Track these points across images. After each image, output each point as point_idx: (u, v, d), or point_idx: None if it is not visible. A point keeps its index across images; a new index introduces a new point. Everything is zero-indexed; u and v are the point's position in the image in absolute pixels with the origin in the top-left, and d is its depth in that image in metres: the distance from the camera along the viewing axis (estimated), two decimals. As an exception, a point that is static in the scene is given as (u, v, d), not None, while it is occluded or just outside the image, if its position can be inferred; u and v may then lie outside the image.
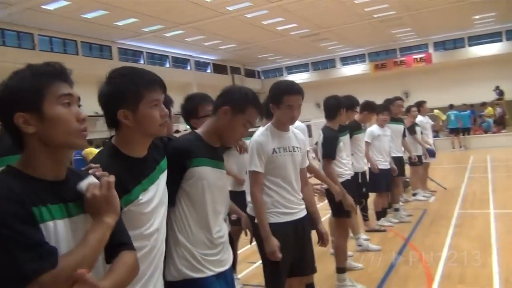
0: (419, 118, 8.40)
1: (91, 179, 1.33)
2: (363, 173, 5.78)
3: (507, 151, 14.78)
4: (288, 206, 2.88)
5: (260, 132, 2.87)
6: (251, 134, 2.91)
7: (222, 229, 2.14)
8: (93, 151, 14.04)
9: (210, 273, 2.03)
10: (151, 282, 1.64)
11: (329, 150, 4.36)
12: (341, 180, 4.38)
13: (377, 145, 6.21)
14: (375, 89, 24.35)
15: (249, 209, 2.93)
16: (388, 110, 6.48)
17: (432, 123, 8.78)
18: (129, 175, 1.59)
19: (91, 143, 15.94)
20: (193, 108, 2.92)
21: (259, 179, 2.79)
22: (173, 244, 1.98)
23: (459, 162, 13.92)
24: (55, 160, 1.28)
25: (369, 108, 5.87)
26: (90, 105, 4.23)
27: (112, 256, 1.32)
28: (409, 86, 27.37)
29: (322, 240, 3.07)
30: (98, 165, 1.43)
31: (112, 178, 1.32)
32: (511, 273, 4.28)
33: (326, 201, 4.38)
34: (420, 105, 8.55)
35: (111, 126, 1.67)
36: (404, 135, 7.18)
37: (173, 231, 1.98)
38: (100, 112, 1.66)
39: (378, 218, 6.41)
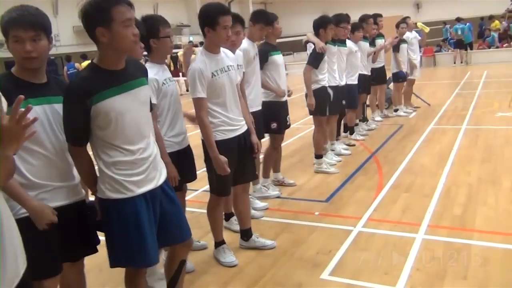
0: (406, 34, 8.46)
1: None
2: (342, 87, 6.01)
3: (506, 67, 14.71)
4: (231, 124, 3.25)
5: (197, 59, 3.14)
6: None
7: (147, 149, 2.22)
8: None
9: (131, 194, 2.15)
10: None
11: (311, 60, 5.04)
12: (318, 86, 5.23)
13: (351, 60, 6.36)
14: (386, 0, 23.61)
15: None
16: (362, 28, 6.66)
17: (420, 38, 8.80)
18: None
19: (84, 56, 15.92)
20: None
21: (204, 104, 3.12)
22: (98, 169, 2.21)
23: (454, 78, 13.96)
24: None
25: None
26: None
27: None
28: (420, -4, 26.44)
29: (253, 150, 3.43)
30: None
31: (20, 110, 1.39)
32: (454, 183, 4.74)
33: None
34: (404, 20, 8.56)
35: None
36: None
37: (94, 157, 2.20)
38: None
39: (351, 133, 6.80)
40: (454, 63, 17.51)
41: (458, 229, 3.69)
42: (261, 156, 4.73)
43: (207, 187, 3.55)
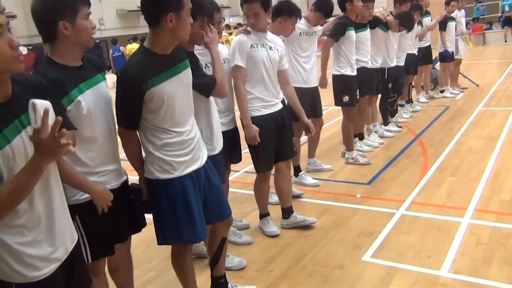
0: (455, 12, 8.13)
1: (46, 104, 1.41)
2: (390, 69, 5.90)
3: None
4: (266, 100, 3.34)
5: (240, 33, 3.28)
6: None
7: (192, 130, 2.29)
8: (134, 46, 14.56)
9: (177, 174, 2.23)
10: (112, 174, 2.17)
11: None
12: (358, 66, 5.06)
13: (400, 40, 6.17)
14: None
15: None
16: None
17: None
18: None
19: (135, 38, 16.45)
20: None
21: (242, 73, 3.23)
22: (145, 151, 2.27)
23: (504, 57, 13.30)
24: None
25: None
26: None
27: None
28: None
29: (306, 129, 3.59)
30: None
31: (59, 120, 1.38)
32: (503, 167, 4.58)
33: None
34: None
35: (48, 37, 1.97)
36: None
37: (142, 140, 2.26)
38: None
39: (393, 115, 6.64)
40: (505, 41, 16.67)
41: (507, 214, 3.57)
42: (304, 137, 4.74)
43: (248, 167, 3.61)
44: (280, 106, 3.44)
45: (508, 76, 9.82)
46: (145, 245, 3.45)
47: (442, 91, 8.37)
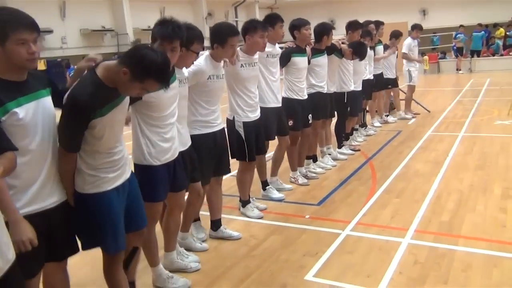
0: (408, 41, 8.61)
1: None
2: (349, 93, 6.15)
3: (510, 75, 14.73)
4: (208, 121, 3.61)
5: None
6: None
7: (121, 150, 2.43)
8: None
9: (106, 188, 2.36)
10: (47, 187, 2.16)
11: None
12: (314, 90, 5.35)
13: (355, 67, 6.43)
14: (389, 5, 23.72)
15: None
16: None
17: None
18: (5, 93, 1.98)
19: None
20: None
21: None
22: (77, 169, 2.34)
23: (456, 85, 13.97)
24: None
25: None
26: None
27: None
28: (427, 4, 26.41)
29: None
30: None
31: None
32: (445, 189, 4.80)
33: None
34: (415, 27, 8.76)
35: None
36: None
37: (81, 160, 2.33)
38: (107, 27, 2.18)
39: (347, 139, 6.84)
40: (457, 69, 17.51)
41: (444, 235, 3.75)
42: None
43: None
44: (221, 126, 3.76)
45: (457, 103, 10.32)
46: (90, 266, 3.40)
47: (387, 115, 8.71)
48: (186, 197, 3.36)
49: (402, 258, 3.40)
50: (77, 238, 2.44)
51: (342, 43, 5.96)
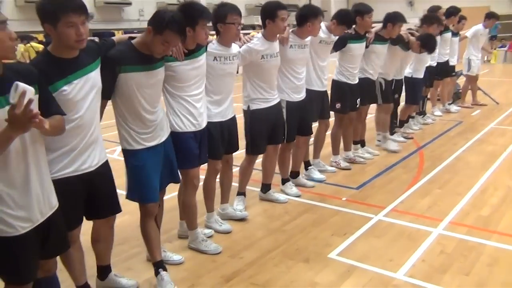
0: (476, 28, 8.20)
1: (27, 87, 1.72)
2: (398, 81, 6.02)
3: None
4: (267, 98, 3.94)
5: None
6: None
7: (155, 114, 2.82)
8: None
9: (140, 147, 2.80)
10: (89, 152, 2.44)
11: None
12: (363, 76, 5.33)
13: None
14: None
15: None
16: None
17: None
18: (56, 71, 2.24)
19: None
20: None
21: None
22: (117, 124, 2.80)
23: (538, 76, 13.03)
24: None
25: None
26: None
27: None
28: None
29: None
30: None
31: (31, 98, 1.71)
32: (492, 184, 4.67)
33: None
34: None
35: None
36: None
37: (115, 116, 2.79)
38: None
39: (401, 126, 6.73)
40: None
41: (479, 229, 3.70)
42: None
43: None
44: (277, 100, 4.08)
45: (532, 96, 9.69)
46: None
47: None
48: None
49: (429, 247, 3.43)
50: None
51: (411, 34, 5.80)
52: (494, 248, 3.39)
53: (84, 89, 2.36)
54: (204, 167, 3.49)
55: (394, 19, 5.27)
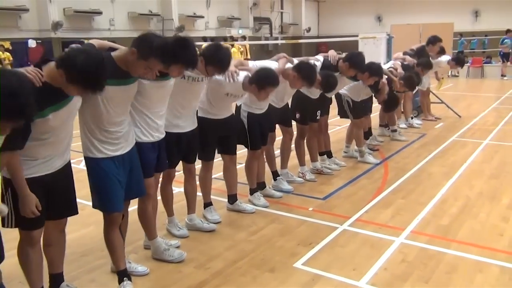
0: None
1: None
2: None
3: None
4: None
5: None
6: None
7: (121, 126, 2.84)
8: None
9: (103, 156, 2.79)
10: (56, 158, 2.56)
11: None
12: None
13: None
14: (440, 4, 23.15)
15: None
16: None
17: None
18: (46, 98, 2.29)
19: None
20: None
21: None
22: (81, 132, 2.81)
23: (497, 91, 13.55)
24: None
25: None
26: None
27: None
28: (480, 4, 25.60)
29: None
30: None
31: None
32: (452, 195, 4.84)
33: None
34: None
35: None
36: None
37: (80, 124, 2.79)
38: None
39: (366, 138, 6.89)
40: (502, 76, 16.93)
41: (439, 238, 3.83)
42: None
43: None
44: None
45: (492, 110, 10.10)
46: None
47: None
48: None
49: (391, 255, 3.52)
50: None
51: (395, 74, 6.14)
52: (453, 256, 3.52)
53: (65, 115, 2.48)
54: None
55: (375, 73, 5.38)
